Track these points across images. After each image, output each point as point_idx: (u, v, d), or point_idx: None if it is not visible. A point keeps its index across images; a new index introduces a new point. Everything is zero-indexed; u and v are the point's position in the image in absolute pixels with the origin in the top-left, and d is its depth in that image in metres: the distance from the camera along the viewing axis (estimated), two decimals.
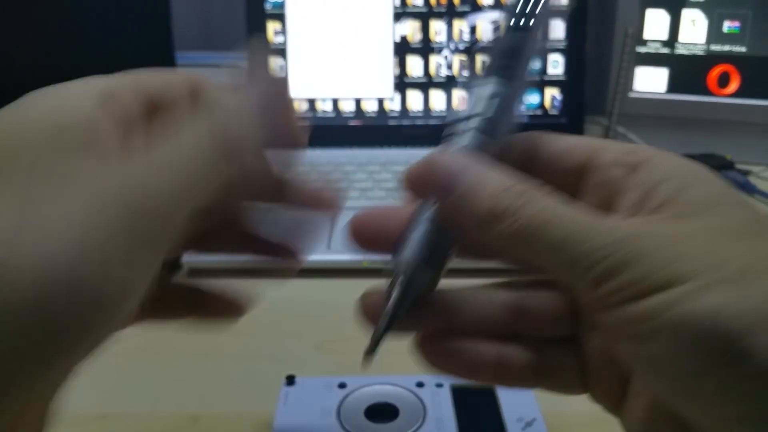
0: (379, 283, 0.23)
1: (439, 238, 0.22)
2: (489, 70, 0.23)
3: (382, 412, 0.28)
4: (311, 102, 0.78)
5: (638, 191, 0.21)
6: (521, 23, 0.24)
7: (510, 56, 0.23)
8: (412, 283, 0.22)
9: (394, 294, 0.22)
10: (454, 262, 0.23)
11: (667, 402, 0.19)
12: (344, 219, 0.62)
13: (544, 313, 0.23)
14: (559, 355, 0.24)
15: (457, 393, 0.29)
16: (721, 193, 0.20)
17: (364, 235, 0.24)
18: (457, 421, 0.28)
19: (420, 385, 0.30)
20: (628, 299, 0.18)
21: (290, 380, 0.34)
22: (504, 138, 0.23)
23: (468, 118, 0.23)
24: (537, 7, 0.25)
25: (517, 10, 0.24)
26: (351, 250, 0.24)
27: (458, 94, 0.77)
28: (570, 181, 0.23)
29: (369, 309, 0.23)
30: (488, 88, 0.23)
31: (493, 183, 0.20)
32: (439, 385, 0.30)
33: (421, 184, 0.23)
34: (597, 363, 0.23)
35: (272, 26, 0.77)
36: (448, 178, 0.21)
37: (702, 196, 0.20)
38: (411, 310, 0.22)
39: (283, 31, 0.77)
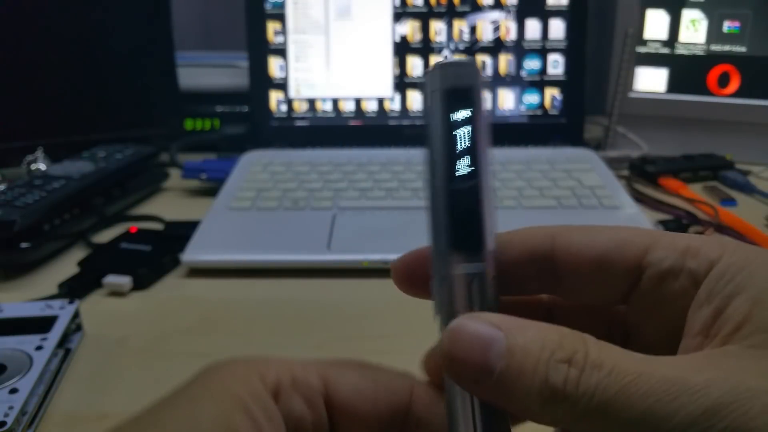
0: None
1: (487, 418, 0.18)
2: (450, 249, 0.19)
3: None
4: (311, 102, 0.78)
5: (707, 310, 0.18)
6: (467, 173, 0.19)
7: (465, 223, 0.19)
8: None
9: None
10: None
11: None
12: (344, 220, 0.62)
13: None
14: None
15: None
16: None
17: (407, 278, 0.22)
18: None
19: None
20: None
21: None
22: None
23: (444, 311, 0.19)
24: (480, 146, 0.18)
25: (459, 151, 0.19)
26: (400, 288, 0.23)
27: None
28: (612, 289, 0.20)
29: None
30: (457, 275, 0.19)
31: (534, 349, 0.17)
32: None
33: (440, 373, 0.20)
34: None
35: (272, 26, 0.77)
36: (474, 360, 0.17)
37: None
38: None
39: (283, 31, 0.77)
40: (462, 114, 0.19)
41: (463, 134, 0.19)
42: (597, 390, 0.16)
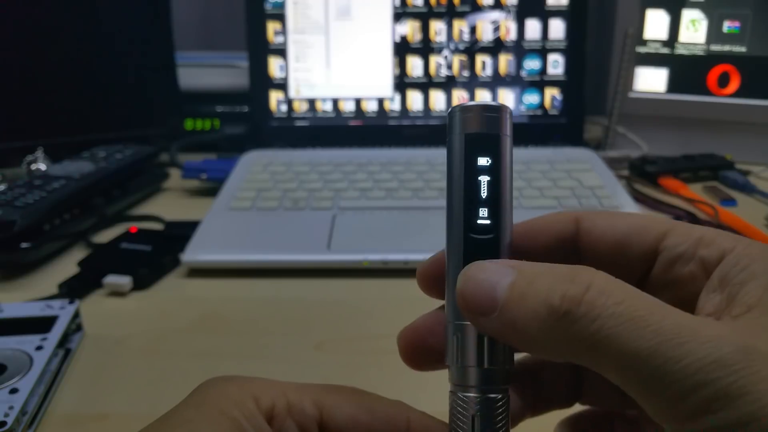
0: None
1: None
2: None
3: None
4: (311, 102, 0.78)
5: (720, 295, 0.18)
6: (485, 225, 0.18)
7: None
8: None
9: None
10: None
11: None
12: (344, 220, 0.62)
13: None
14: None
15: None
16: None
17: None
18: None
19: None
20: None
21: None
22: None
23: None
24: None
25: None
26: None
27: (458, 94, 0.77)
28: (629, 272, 0.20)
29: None
30: (469, 326, 0.18)
31: (538, 276, 0.17)
32: None
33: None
34: None
35: (272, 26, 0.77)
36: (482, 293, 0.18)
37: None
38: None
39: (283, 31, 0.77)
40: (484, 161, 0.18)
41: (484, 183, 0.18)
42: (602, 314, 0.16)
